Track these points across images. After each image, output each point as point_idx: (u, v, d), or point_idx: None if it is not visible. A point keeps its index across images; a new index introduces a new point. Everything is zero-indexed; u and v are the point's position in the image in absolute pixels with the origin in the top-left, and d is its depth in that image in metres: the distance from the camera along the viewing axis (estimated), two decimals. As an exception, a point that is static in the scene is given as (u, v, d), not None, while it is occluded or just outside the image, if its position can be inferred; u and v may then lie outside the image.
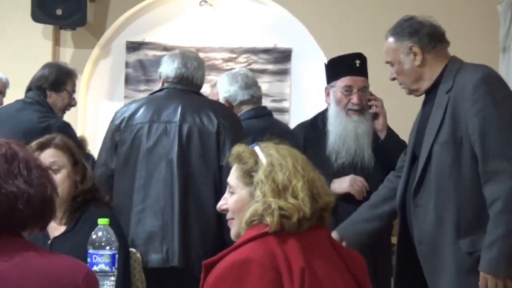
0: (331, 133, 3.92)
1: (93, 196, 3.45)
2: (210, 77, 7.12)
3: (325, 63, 4.13)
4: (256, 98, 4.57)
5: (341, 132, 3.83)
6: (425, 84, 3.21)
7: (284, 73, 7.26)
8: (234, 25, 7.31)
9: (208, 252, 3.82)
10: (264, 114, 4.55)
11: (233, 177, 2.44)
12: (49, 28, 6.86)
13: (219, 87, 4.77)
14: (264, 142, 2.48)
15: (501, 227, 2.82)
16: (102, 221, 2.98)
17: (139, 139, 4.06)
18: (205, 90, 7.04)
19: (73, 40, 7.02)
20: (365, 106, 3.90)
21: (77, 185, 3.38)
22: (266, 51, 7.28)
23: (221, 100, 4.69)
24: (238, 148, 2.46)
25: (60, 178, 3.26)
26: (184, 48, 5.31)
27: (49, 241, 3.31)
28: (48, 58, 6.66)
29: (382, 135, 3.95)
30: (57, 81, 4.73)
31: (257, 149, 2.43)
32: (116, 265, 2.99)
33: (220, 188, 3.95)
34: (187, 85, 4.20)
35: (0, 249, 2.07)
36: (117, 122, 4.14)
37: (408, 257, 3.24)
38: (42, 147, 3.31)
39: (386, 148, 3.87)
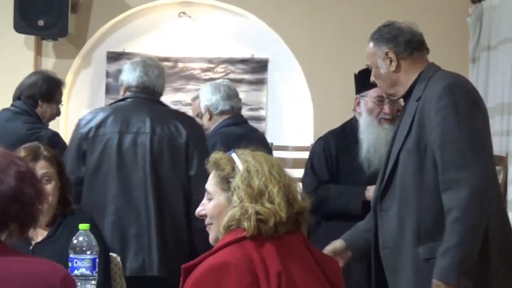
0: (363, 142, 3.87)
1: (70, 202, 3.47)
2: (189, 86, 7.21)
3: (355, 74, 4.04)
4: (236, 109, 4.66)
5: (374, 140, 3.78)
6: (401, 90, 3.17)
7: (260, 82, 7.28)
8: (212, 36, 7.32)
9: (184, 260, 3.87)
10: (241, 122, 4.60)
11: (211, 183, 2.44)
12: (31, 38, 6.83)
13: (201, 95, 4.81)
14: (241, 149, 2.48)
15: (454, 236, 2.84)
16: (83, 226, 2.96)
17: (110, 149, 4.05)
18: (184, 98, 7.10)
19: (54, 51, 6.99)
20: (396, 115, 3.76)
21: (59, 191, 3.38)
22: (243, 61, 7.30)
23: (202, 108, 4.77)
24: (216, 155, 2.46)
25: (50, 188, 3.26)
26: (147, 55, 5.27)
27: (31, 247, 3.28)
28: (30, 68, 6.59)
29: None
30: (49, 91, 4.70)
31: (234, 155, 2.43)
32: (97, 269, 2.98)
33: (189, 198, 4.04)
34: (149, 94, 4.21)
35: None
36: (84, 130, 4.09)
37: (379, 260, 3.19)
38: (33, 158, 3.29)
39: None
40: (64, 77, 6.84)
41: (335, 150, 4.03)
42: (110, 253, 3.58)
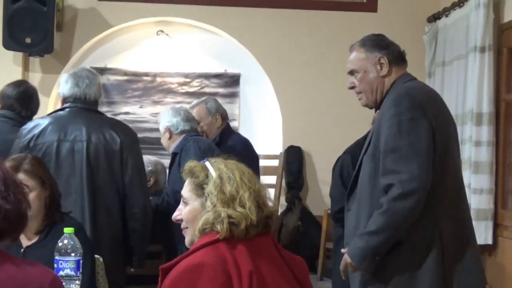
0: None
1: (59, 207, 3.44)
2: (167, 99, 7.20)
3: None
4: (194, 129, 4.87)
5: None
6: (379, 97, 3.13)
7: (233, 95, 7.29)
8: (188, 52, 7.31)
9: (118, 256, 4.08)
10: (198, 134, 4.90)
11: (186, 190, 2.43)
12: (19, 55, 6.79)
13: (162, 118, 5.03)
14: (214, 158, 2.47)
15: (374, 225, 2.93)
16: (68, 230, 2.98)
17: (49, 156, 4.04)
18: (162, 110, 7.08)
19: (41, 66, 6.95)
20: None
21: (46, 200, 3.35)
22: (217, 76, 7.29)
23: (162, 128, 4.97)
24: (190, 164, 2.45)
25: (30, 199, 3.19)
26: (88, 68, 5.24)
27: (22, 250, 3.26)
28: (18, 83, 6.69)
29: None
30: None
31: (207, 164, 2.42)
32: (81, 270, 2.99)
33: (124, 201, 4.11)
34: (84, 103, 4.20)
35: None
36: (26, 140, 4.08)
37: None
38: (14, 170, 3.21)
39: None
40: (50, 91, 6.91)
41: None
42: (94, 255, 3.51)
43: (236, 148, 5.12)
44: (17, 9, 6.47)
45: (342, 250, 3.13)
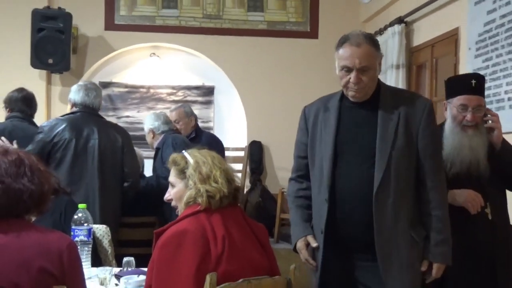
0: (446, 146, 2.86)
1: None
2: (158, 106, 7.16)
3: (445, 80, 3.05)
4: (171, 129, 4.88)
5: (456, 144, 2.82)
6: (371, 92, 2.52)
7: (209, 103, 7.26)
8: (174, 70, 7.27)
9: (116, 218, 4.24)
10: (175, 133, 4.88)
11: (172, 176, 2.42)
12: (43, 72, 6.73)
13: (146, 121, 4.99)
14: (190, 149, 2.46)
15: (448, 229, 2.49)
16: (81, 206, 3.00)
17: (69, 149, 4.09)
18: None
19: (60, 81, 6.89)
20: (480, 122, 2.86)
21: None
22: (196, 87, 7.27)
23: (146, 129, 4.96)
24: (173, 156, 2.44)
25: None
26: (90, 81, 5.21)
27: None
28: (43, 94, 6.67)
29: (497, 147, 2.89)
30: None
31: (185, 153, 2.42)
32: (91, 237, 3.01)
33: (122, 184, 4.27)
34: (91, 110, 4.27)
35: (7, 228, 2.09)
36: (50, 136, 4.10)
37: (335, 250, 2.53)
38: None
39: (500, 159, 2.83)
40: (67, 100, 6.83)
41: None
42: (102, 225, 3.50)
43: (209, 141, 5.21)
44: (41, 37, 6.40)
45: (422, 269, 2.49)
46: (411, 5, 5.62)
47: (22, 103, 4.58)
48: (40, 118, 6.16)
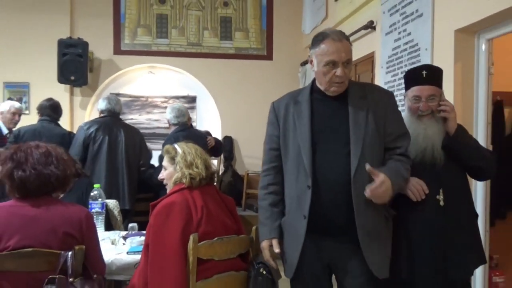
0: None
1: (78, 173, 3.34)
2: (155, 111, 7.11)
3: (403, 75, 2.53)
4: (181, 122, 4.51)
5: (412, 133, 2.22)
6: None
7: (193, 108, 7.14)
8: (166, 83, 7.19)
9: (134, 193, 4.24)
10: (184, 128, 4.52)
11: (165, 161, 2.41)
12: (67, 86, 6.62)
13: (167, 113, 4.67)
14: (180, 142, 2.46)
15: (406, 172, 2.09)
16: (96, 186, 3.00)
17: (104, 144, 4.14)
18: (151, 117, 7.02)
19: (80, 93, 6.79)
20: (436, 110, 2.30)
21: None
22: (183, 97, 7.18)
23: (166, 119, 4.65)
24: (167, 147, 2.44)
25: None
26: (112, 94, 5.21)
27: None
28: (67, 103, 6.55)
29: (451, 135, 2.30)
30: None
31: (176, 145, 2.42)
32: (104, 209, 2.99)
33: (139, 170, 4.31)
34: (115, 114, 4.32)
35: (40, 203, 2.07)
36: (89, 133, 4.13)
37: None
38: None
39: (452, 147, 2.24)
40: (86, 107, 6.78)
41: None
42: (112, 199, 3.50)
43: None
44: (65, 60, 6.32)
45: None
46: (340, 35, 5.65)
47: (50, 109, 4.54)
48: (65, 121, 6.12)
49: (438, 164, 2.25)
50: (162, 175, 2.43)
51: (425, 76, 2.31)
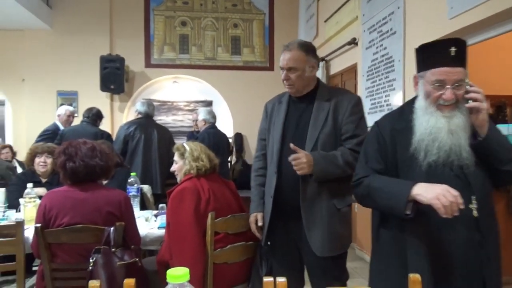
0: (417, 129, 1.47)
1: (119, 164, 3.30)
2: (179, 113, 7.07)
3: (416, 49, 1.49)
4: (213, 122, 4.60)
5: (431, 129, 1.44)
6: (307, 89, 2.04)
7: None
8: (188, 91, 7.16)
9: (166, 185, 4.12)
10: (214, 127, 4.62)
11: (176, 156, 2.38)
12: (108, 94, 6.62)
13: (200, 113, 4.64)
14: (187, 142, 2.40)
15: (342, 161, 1.92)
16: (133, 174, 2.98)
17: (141, 141, 4.09)
18: (176, 118, 7.00)
19: (118, 99, 6.78)
20: (461, 99, 1.43)
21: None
22: (202, 101, 7.15)
23: (201, 120, 4.60)
24: (177, 145, 2.41)
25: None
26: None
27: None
28: (108, 108, 6.55)
29: (481, 131, 1.44)
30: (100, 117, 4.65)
31: (185, 144, 2.38)
32: (139, 192, 2.99)
33: (170, 162, 4.10)
34: (150, 116, 4.26)
35: (87, 188, 2.06)
36: (128, 131, 4.07)
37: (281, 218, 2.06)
38: None
39: (486, 146, 1.43)
40: (123, 110, 6.76)
41: (390, 135, 1.56)
42: (146, 185, 3.50)
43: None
44: (106, 72, 6.32)
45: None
46: (329, 50, 5.61)
47: (89, 114, 4.54)
48: (106, 122, 6.12)
49: (467, 166, 1.44)
50: (174, 167, 2.39)
51: (454, 54, 1.40)
